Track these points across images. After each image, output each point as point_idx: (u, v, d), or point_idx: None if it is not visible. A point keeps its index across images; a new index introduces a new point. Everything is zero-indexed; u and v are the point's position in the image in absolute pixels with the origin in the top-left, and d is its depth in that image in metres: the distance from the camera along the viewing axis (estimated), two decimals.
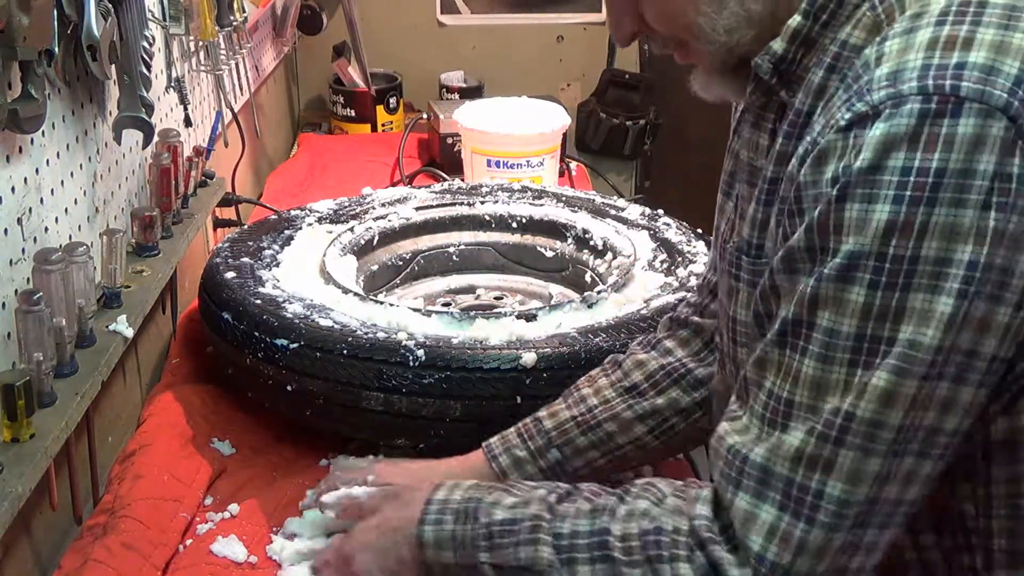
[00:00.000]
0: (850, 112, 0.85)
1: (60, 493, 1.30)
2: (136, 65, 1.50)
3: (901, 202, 0.82)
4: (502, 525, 1.01)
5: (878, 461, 0.85)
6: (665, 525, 0.94)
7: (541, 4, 3.40)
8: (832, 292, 0.85)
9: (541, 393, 1.36)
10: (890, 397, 0.84)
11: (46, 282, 1.26)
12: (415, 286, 1.90)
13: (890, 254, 0.83)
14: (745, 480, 0.90)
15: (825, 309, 0.86)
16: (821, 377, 0.86)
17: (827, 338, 0.86)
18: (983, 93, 0.81)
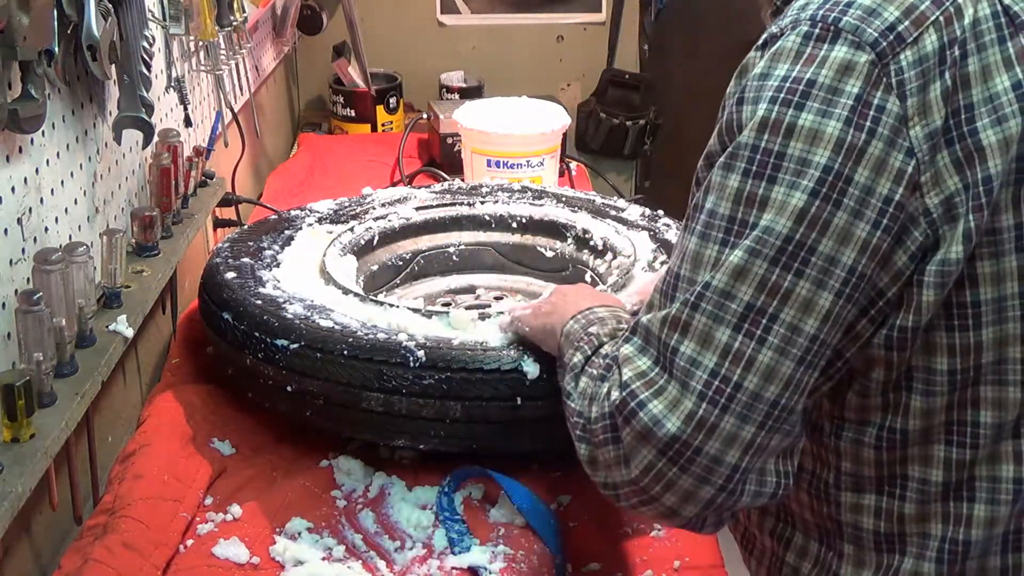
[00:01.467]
0: (767, 34, 0.99)
1: (60, 493, 1.30)
2: (136, 65, 1.50)
3: (775, 102, 0.93)
4: (588, 334, 1.14)
5: (726, 332, 0.92)
6: (611, 353, 1.04)
7: (541, 4, 3.40)
8: (717, 179, 0.96)
9: (541, 394, 1.36)
10: (740, 273, 0.92)
11: (46, 282, 1.26)
12: (415, 286, 1.90)
13: (762, 147, 0.93)
14: (634, 336, 1.00)
15: (710, 193, 0.96)
16: (697, 253, 0.96)
17: (707, 218, 0.96)
18: (857, 28, 0.93)
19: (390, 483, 1.44)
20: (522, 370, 1.35)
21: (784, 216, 0.92)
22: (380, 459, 1.49)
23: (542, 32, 3.39)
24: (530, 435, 1.40)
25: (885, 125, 0.91)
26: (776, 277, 0.92)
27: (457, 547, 1.31)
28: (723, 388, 0.92)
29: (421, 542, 1.33)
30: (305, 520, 1.36)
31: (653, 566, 1.29)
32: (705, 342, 0.93)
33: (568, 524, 1.37)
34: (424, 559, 1.30)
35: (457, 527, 1.34)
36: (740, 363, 0.92)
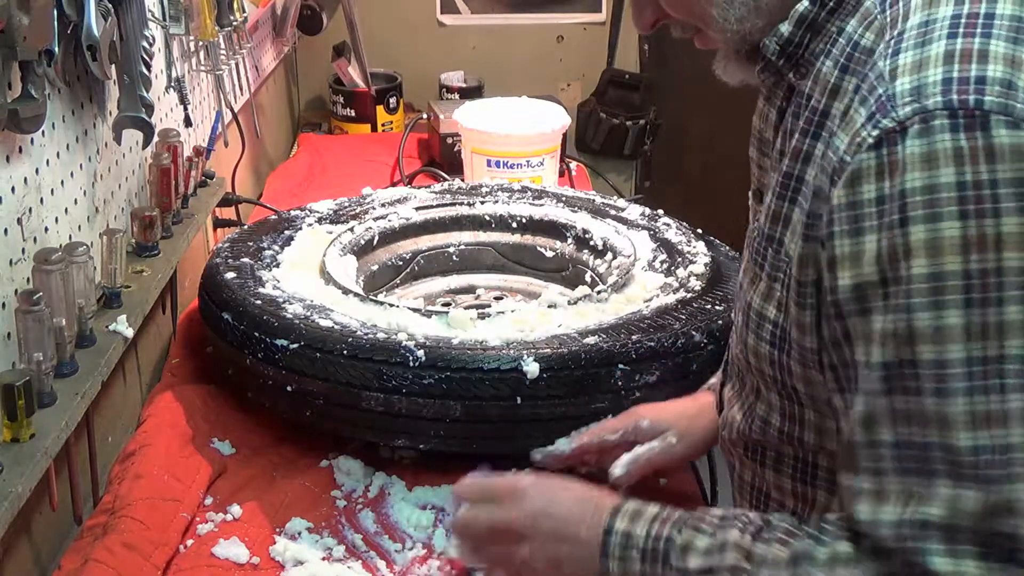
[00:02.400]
0: (877, 129, 0.85)
1: (60, 493, 1.30)
2: (136, 65, 1.50)
3: (967, 216, 0.81)
4: (700, 574, 0.96)
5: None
6: (872, 573, 0.87)
7: (541, 4, 3.40)
8: (928, 322, 0.82)
9: (540, 394, 1.36)
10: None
11: (46, 282, 1.26)
12: (415, 286, 1.90)
13: (974, 270, 0.81)
14: (931, 544, 0.83)
15: (924, 342, 0.83)
16: (950, 414, 0.82)
17: (937, 370, 0.82)
18: (1006, 107, 0.82)
19: (390, 483, 1.43)
20: (522, 370, 1.35)
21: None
22: (380, 459, 1.49)
23: (542, 32, 3.39)
24: (530, 435, 1.40)
25: None
26: None
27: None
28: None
29: (421, 542, 1.33)
30: (305, 520, 1.36)
31: None
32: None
33: None
34: (424, 559, 1.30)
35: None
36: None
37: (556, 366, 1.36)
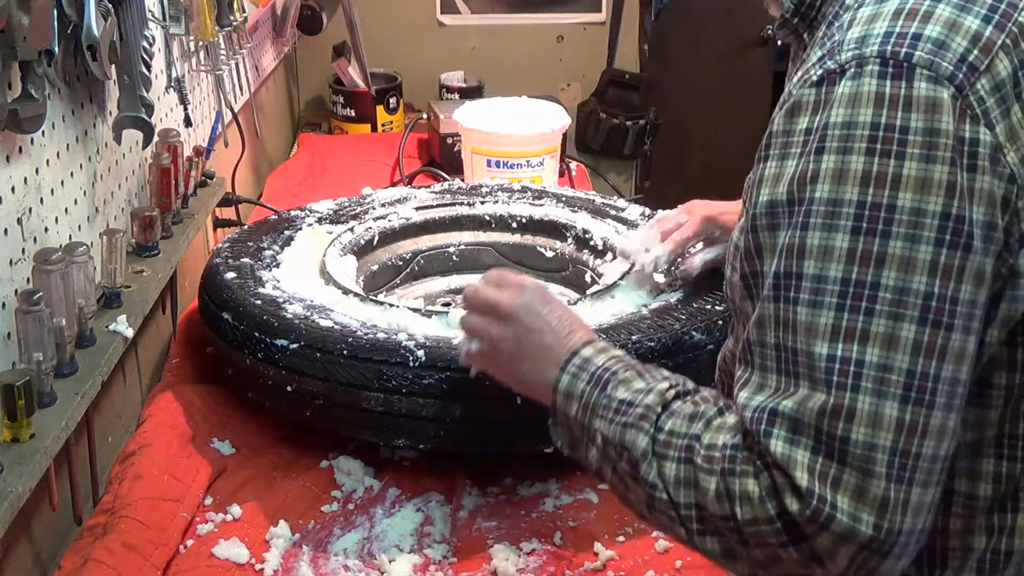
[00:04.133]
0: (822, 69, 0.93)
1: (60, 493, 1.30)
2: (136, 65, 1.50)
3: (874, 154, 0.89)
4: (620, 403, 1.05)
5: (895, 406, 0.88)
6: (738, 447, 0.96)
7: (541, 4, 3.40)
8: (817, 240, 0.91)
9: None
10: (891, 341, 0.89)
11: (46, 282, 1.26)
12: (415, 286, 1.90)
13: (869, 202, 0.89)
14: (776, 430, 0.92)
15: (808, 257, 0.91)
16: (813, 324, 0.91)
17: (815, 284, 0.91)
18: (932, 63, 0.89)
19: (389, 485, 1.44)
20: None
21: (915, 273, 0.88)
22: (380, 459, 1.49)
23: (542, 32, 3.39)
24: (530, 435, 1.40)
25: (985, 158, 0.88)
26: (928, 337, 0.88)
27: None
28: (905, 463, 0.89)
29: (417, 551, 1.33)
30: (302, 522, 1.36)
31: (654, 566, 1.29)
32: (875, 423, 0.89)
33: (568, 524, 1.37)
34: (424, 567, 1.30)
35: None
36: (916, 433, 0.88)
37: None
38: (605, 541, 1.33)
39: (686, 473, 0.98)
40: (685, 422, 1.01)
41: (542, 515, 1.39)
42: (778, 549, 0.93)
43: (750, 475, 0.94)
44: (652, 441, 1.01)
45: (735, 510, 0.94)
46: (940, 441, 0.90)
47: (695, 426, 0.99)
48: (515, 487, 1.45)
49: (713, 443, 0.97)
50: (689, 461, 0.98)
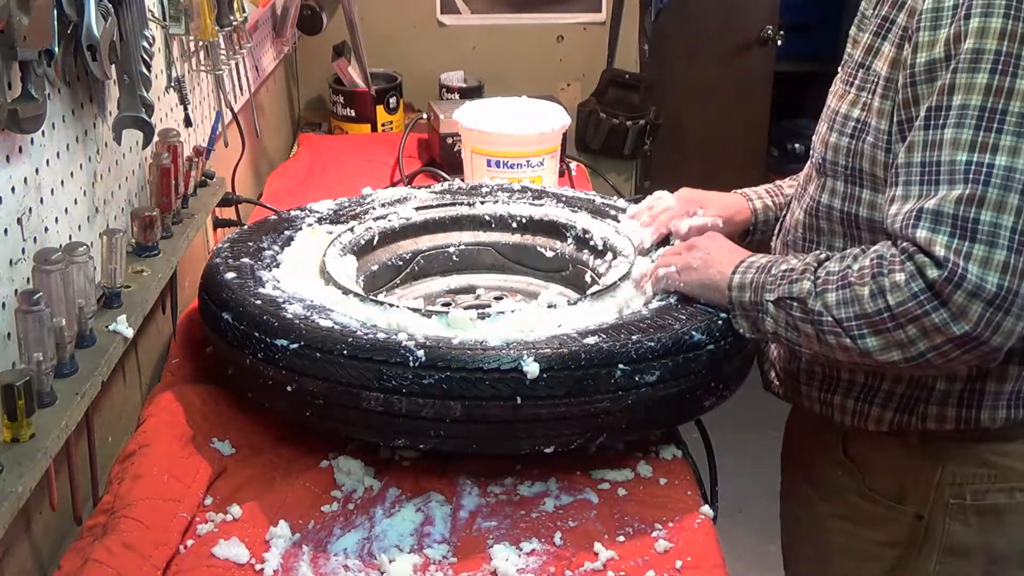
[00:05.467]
0: None
1: (60, 493, 1.30)
2: (136, 65, 1.50)
3: (1009, 17, 1.21)
4: (785, 272, 1.38)
5: (1016, 197, 1.21)
6: (878, 257, 1.28)
7: (541, 4, 3.40)
8: (963, 79, 1.23)
9: (540, 394, 1.36)
10: (1015, 150, 1.21)
11: (46, 282, 1.26)
12: (415, 286, 1.90)
13: (1004, 51, 1.21)
14: (921, 222, 1.24)
15: (956, 92, 1.23)
16: (956, 140, 1.23)
17: (959, 111, 1.23)
18: None
19: (389, 485, 1.44)
20: (522, 370, 1.35)
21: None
22: (380, 459, 1.49)
23: (542, 32, 3.39)
24: (530, 435, 1.40)
25: None
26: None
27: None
28: (1023, 240, 1.20)
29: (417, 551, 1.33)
30: (302, 522, 1.36)
31: (654, 566, 1.29)
32: (1000, 208, 1.21)
33: (568, 524, 1.37)
34: (424, 567, 1.30)
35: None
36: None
37: (556, 366, 1.36)
38: (605, 541, 1.33)
39: (844, 295, 1.29)
40: (838, 263, 1.33)
41: (542, 515, 1.39)
42: (924, 320, 1.22)
43: (896, 270, 1.25)
44: (814, 283, 1.33)
45: (888, 300, 1.25)
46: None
47: (845, 263, 1.32)
48: (515, 487, 1.45)
49: (862, 265, 1.29)
50: (845, 286, 1.30)
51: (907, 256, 1.24)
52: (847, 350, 1.30)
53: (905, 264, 1.24)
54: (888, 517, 1.48)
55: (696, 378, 1.44)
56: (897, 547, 1.49)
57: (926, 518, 1.46)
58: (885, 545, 1.50)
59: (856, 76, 1.41)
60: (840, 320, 1.29)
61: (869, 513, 1.50)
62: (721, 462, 1.61)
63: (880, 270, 1.26)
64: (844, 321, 1.29)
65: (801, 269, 1.36)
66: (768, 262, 1.42)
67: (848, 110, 1.40)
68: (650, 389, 1.40)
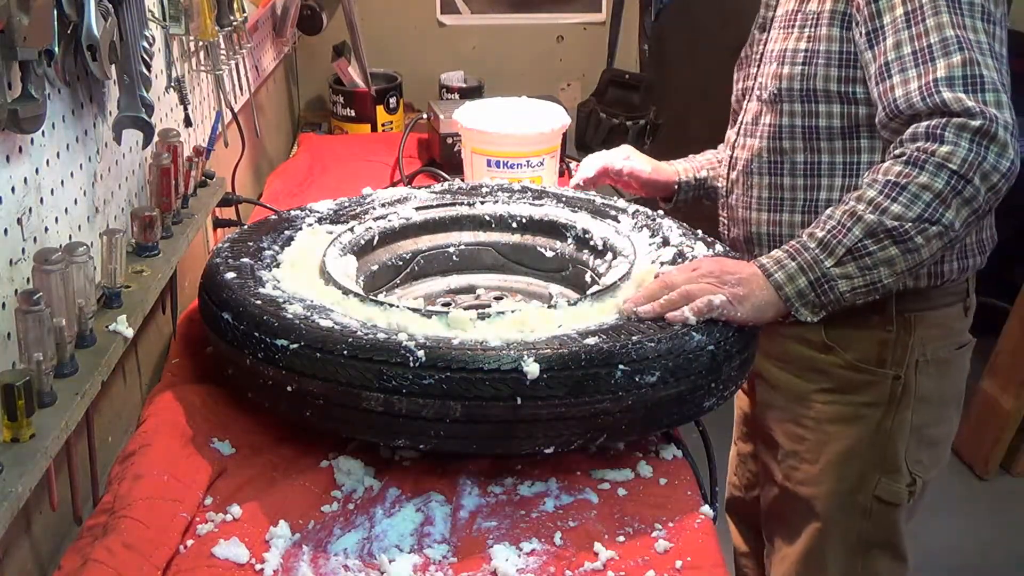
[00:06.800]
0: None
1: (60, 493, 1.30)
2: (136, 65, 1.50)
3: None
4: (830, 233, 1.53)
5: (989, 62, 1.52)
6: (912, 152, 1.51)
7: (541, 4, 3.40)
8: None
9: (541, 394, 1.36)
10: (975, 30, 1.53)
11: (46, 282, 1.26)
12: (415, 286, 1.90)
13: None
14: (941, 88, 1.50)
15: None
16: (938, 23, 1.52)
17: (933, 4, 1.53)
18: None
19: (389, 485, 1.44)
20: (522, 370, 1.35)
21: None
22: (380, 459, 1.49)
23: (542, 32, 3.39)
24: (530, 435, 1.40)
25: None
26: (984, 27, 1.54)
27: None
28: (1004, 84, 1.52)
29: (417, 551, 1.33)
30: (302, 522, 1.36)
31: (654, 566, 1.29)
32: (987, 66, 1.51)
33: (568, 524, 1.37)
34: (424, 567, 1.30)
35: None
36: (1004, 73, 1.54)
37: (556, 366, 1.36)
38: (605, 541, 1.33)
39: (906, 196, 1.49)
40: (870, 189, 1.52)
41: (542, 515, 1.39)
42: (983, 164, 1.47)
43: (937, 145, 1.48)
44: (871, 213, 1.51)
45: (950, 166, 1.47)
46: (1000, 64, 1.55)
47: (877, 185, 1.52)
48: (515, 487, 1.45)
49: (899, 171, 1.51)
50: (901, 190, 1.50)
51: (941, 127, 1.48)
52: (934, 238, 1.50)
53: (944, 133, 1.48)
54: (872, 381, 1.76)
55: (696, 379, 1.44)
56: (880, 406, 1.76)
57: (903, 377, 1.74)
58: (870, 406, 1.77)
59: (794, 21, 1.70)
60: (920, 215, 1.48)
61: (854, 381, 1.76)
62: (721, 462, 1.61)
63: (924, 156, 1.49)
64: (924, 213, 1.48)
65: (843, 219, 1.52)
66: (792, 247, 1.56)
67: (795, 46, 1.69)
68: (650, 389, 1.40)
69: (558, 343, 1.39)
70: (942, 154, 1.47)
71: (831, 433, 1.79)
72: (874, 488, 1.79)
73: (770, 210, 1.78)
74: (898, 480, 1.79)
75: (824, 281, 1.53)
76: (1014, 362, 3.39)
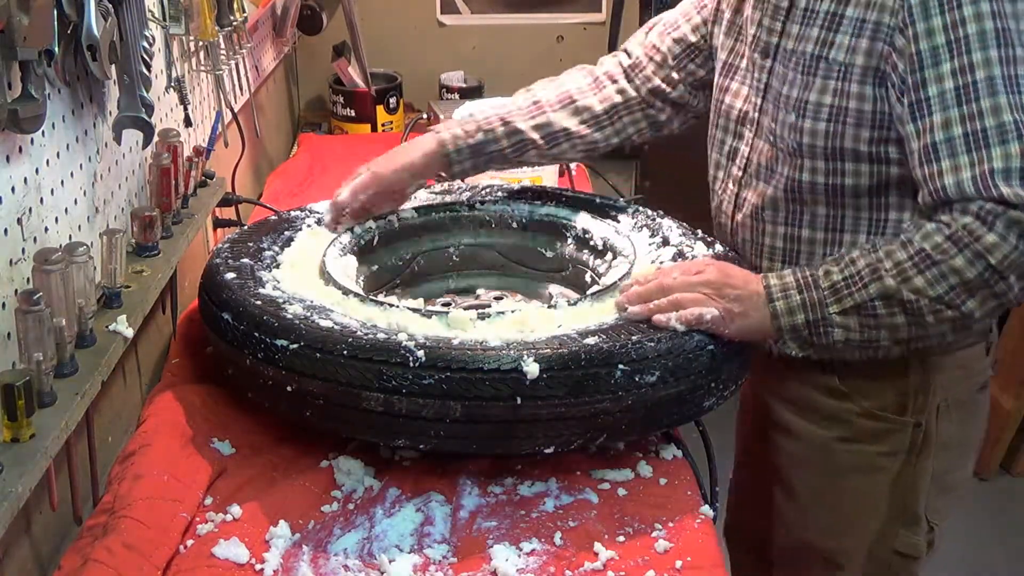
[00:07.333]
0: None
1: (60, 493, 1.31)
2: (136, 65, 1.50)
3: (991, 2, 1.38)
4: (845, 281, 1.45)
5: None
6: (957, 230, 1.39)
7: (541, 4, 3.40)
8: (978, 57, 1.38)
9: (541, 394, 1.36)
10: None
11: (46, 282, 1.26)
12: (415, 286, 1.90)
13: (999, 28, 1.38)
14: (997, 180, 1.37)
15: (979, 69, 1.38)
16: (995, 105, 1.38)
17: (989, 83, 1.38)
18: None
19: (389, 485, 1.44)
20: (522, 370, 1.35)
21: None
22: (380, 459, 1.49)
23: (542, 32, 3.39)
24: (530, 435, 1.40)
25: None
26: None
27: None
28: None
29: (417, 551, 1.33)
30: (302, 522, 1.36)
31: (654, 566, 1.29)
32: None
33: (568, 524, 1.37)
34: (424, 567, 1.30)
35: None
36: None
37: (556, 366, 1.36)
38: (605, 541, 1.33)
39: (934, 274, 1.40)
40: (901, 251, 1.43)
41: (542, 515, 1.39)
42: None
43: (984, 233, 1.37)
44: (893, 277, 1.42)
45: (988, 260, 1.38)
46: None
47: (910, 248, 1.42)
48: (515, 487, 1.45)
49: (936, 244, 1.40)
50: (932, 265, 1.40)
51: (993, 216, 1.37)
52: (947, 321, 1.42)
53: (995, 224, 1.37)
54: (892, 430, 1.64)
55: (696, 379, 1.44)
56: (899, 455, 1.65)
57: (924, 424, 1.63)
58: (889, 455, 1.65)
59: (816, 67, 1.52)
60: (939, 296, 1.40)
61: (872, 429, 1.64)
62: (721, 462, 1.61)
63: (967, 240, 1.38)
64: (944, 296, 1.40)
65: (866, 274, 1.44)
66: (804, 278, 1.48)
67: (818, 98, 1.52)
68: (650, 389, 1.40)
69: (558, 343, 1.39)
70: (986, 244, 1.37)
71: (849, 484, 1.69)
72: (894, 542, 1.70)
73: (784, 261, 1.64)
74: (917, 532, 1.70)
75: (822, 324, 1.46)
76: (1014, 362, 3.40)
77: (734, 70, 1.72)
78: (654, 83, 1.88)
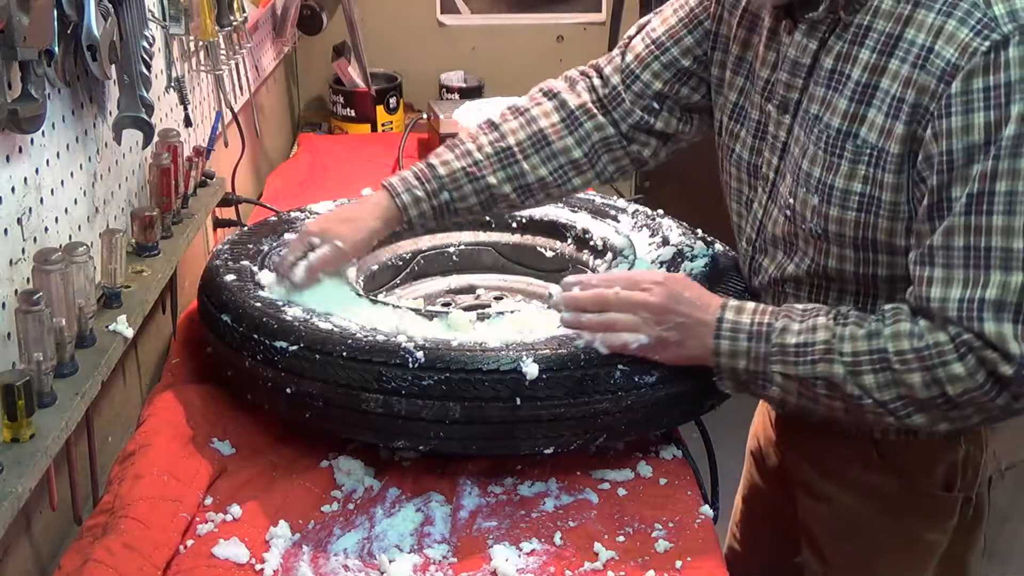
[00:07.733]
0: (988, 41, 1.21)
1: (60, 493, 1.30)
2: (136, 65, 1.50)
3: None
4: (796, 347, 1.33)
5: None
6: (928, 345, 1.26)
7: (541, 4, 3.40)
8: (1006, 165, 1.20)
9: (540, 395, 1.36)
10: None
11: (46, 282, 1.26)
12: (415, 286, 1.90)
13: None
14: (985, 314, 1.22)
15: (1001, 178, 1.21)
16: (1010, 226, 1.21)
17: (1008, 197, 1.21)
18: None
19: (389, 485, 1.44)
20: (521, 370, 1.35)
21: None
22: (380, 459, 1.49)
23: (542, 32, 3.39)
24: (530, 436, 1.40)
25: None
26: None
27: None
28: None
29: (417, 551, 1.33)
30: (302, 522, 1.36)
31: (654, 566, 1.29)
32: None
33: (568, 524, 1.37)
34: (424, 567, 1.30)
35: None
36: None
37: (556, 367, 1.36)
38: (605, 541, 1.33)
39: (886, 378, 1.28)
40: (864, 342, 1.29)
41: (542, 515, 1.39)
42: (987, 404, 1.25)
43: (952, 361, 1.24)
44: (844, 366, 1.29)
45: (945, 390, 1.25)
46: None
47: (874, 342, 1.28)
48: (515, 487, 1.45)
49: (900, 350, 1.27)
50: (885, 369, 1.27)
51: (968, 348, 1.23)
52: (885, 423, 1.33)
53: (966, 357, 1.23)
54: (938, 507, 1.47)
55: (696, 378, 1.44)
56: (947, 531, 1.48)
57: (974, 498, 1.46)
58: (936, 531, 1.48)
59: (843, 146, 1.33)
60: (884, 402, 1.28)
61: (916, 506, 1.48)
62: (721, 462, 1.61)
63: (931, 361, 1.25)
64: (889, 403, 1.28)
65: (822, 350, 1.30)
66: (758, 325, 1.35)
67: (846, 184, 1.33)
68: (650, 389, 1.40)
69: (557, 343, 1.39)
70: (950, 373, 1.24)
71: (889, 562, 1.52)
72: None
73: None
74: None
75: (762, 378, 1.35)
76: None
77: (744, 115, 1.53)
78: (635, 117, 1.69)
